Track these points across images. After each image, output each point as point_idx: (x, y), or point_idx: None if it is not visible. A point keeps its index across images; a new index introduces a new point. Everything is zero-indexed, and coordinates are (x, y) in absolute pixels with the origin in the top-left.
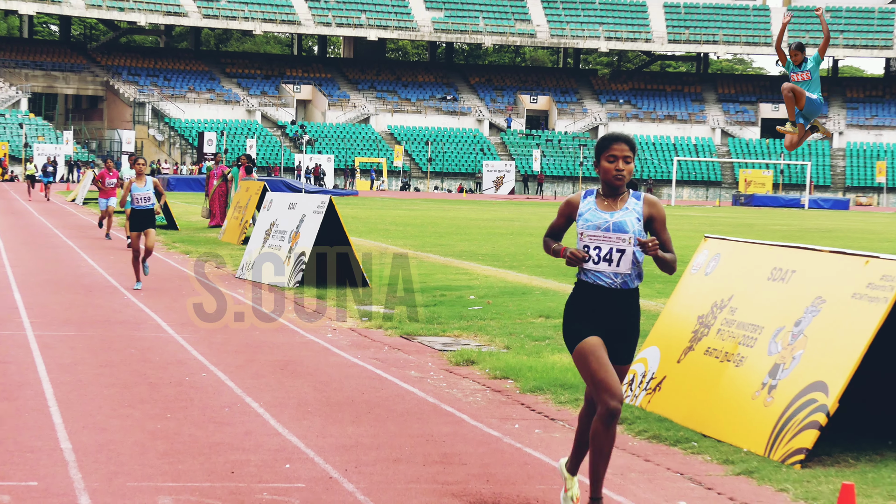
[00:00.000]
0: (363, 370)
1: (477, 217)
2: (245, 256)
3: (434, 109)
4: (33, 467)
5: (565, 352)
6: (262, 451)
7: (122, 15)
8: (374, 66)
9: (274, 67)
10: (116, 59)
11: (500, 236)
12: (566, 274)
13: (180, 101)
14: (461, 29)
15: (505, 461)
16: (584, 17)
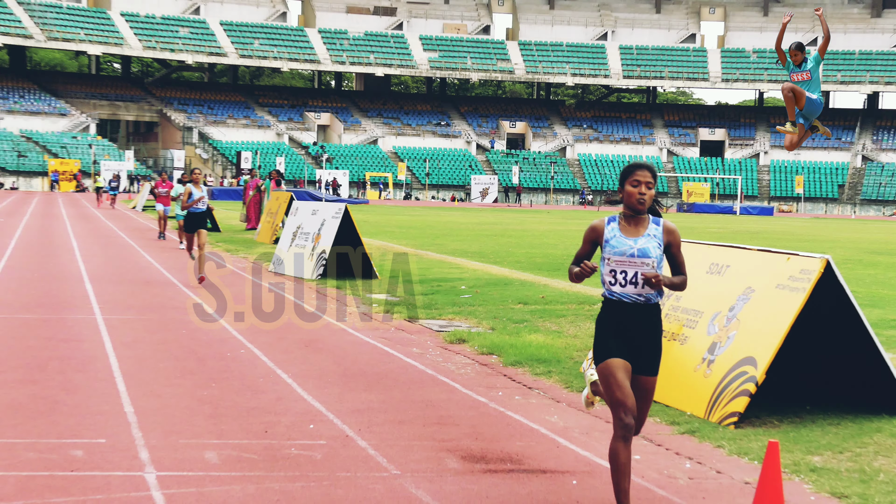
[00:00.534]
0: (373, 347)
1: (466, 221)
2: (276, 254)
3: (430, 133)
4: (102, 427)
5: (541, 332)
6: (290, 414)
7: (172, 55)
8: (380, 98)
9: (298, 98)
10: (168, 91)
11: (485, 237)
12: (540, 268)
13: (221, 126)
14: (452, 67)
15: (491, 422)
16: (553, 58)
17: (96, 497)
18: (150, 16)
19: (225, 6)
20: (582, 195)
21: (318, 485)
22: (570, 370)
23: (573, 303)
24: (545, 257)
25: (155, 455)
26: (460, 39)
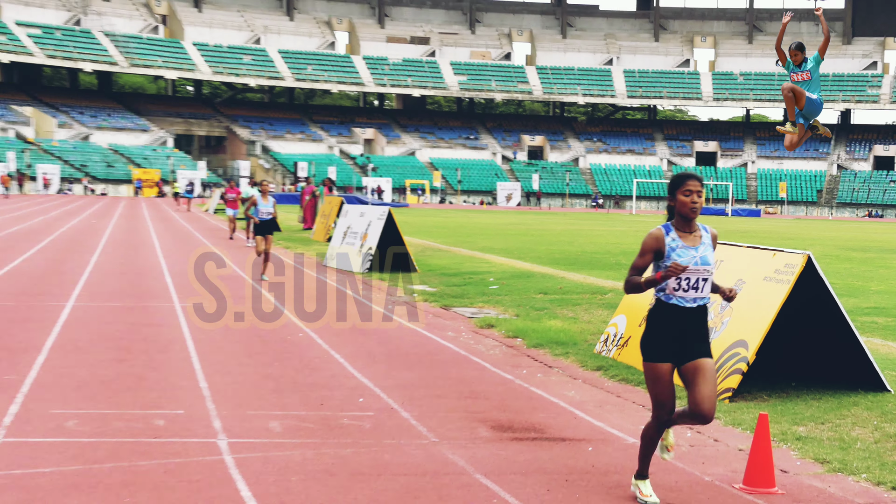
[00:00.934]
0: (414, 331)
1: (493, 222)
2: (329, 250)
3: (461, 146)
4: (180, 400)
5: (559, 318)
6: (343, 389)
7: (237, 79)
8: (417, 115)
9: (347, 116)
10: (234, 110)
11: (510, 236)
12: (558, 263)
13: (280, 139)
14: (479, 88)
15: (516, 396)
16: (566, 80)
17: (176, 461)
18: (218, 45)
19: (282, 37)
20: (594, 200)
21: (367, 450)
22: (584, 351)
23: (587, 293)
24: (562, 253)
25: (226, 424)
26: (485, 65)
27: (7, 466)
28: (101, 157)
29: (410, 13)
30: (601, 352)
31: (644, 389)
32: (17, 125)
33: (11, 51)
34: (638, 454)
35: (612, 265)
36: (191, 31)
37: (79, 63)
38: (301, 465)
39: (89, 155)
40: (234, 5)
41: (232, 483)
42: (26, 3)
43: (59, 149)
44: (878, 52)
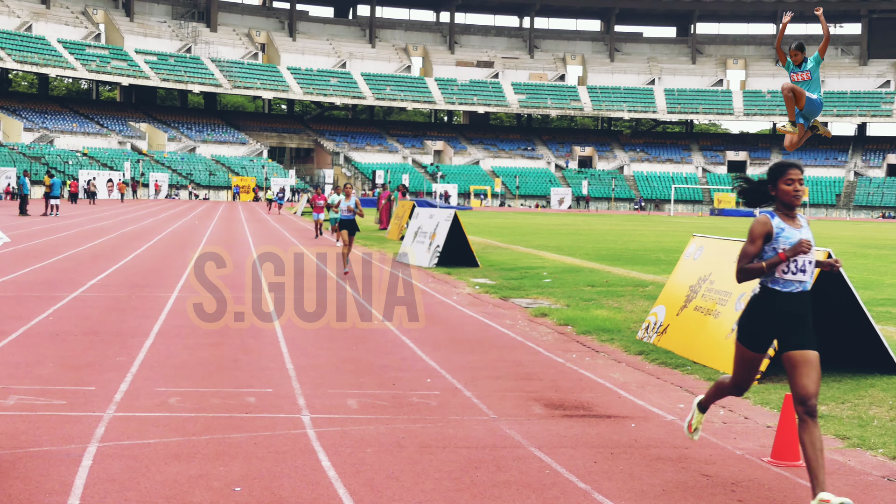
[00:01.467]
0: (476, 320)
1: (547, 223)
2: (402, 248)
3: (519, 156)
4: (269, 379)
5: (605, 308)
6: (412, 371)
7: (325, 98)
8: (481, 129)
9: (419, 130)
10: (321, 125)
11: (561, 235)
12: (604, 259)
13: (361, 151)
14: (536, 105)
15: (567, 378)
16: (613, 98)
17: (265, 434)
18: (309, 69)
19: (365, 61)
20: (636, 203)
21: (434, 426)
22: (628, 338)
23: (630, 286)
24: (608, 250)
25: (309, 402)
26: (542, 85)
27: (118, 437)
28: (205, 167)
29: (477, 40)
30: (643, 338)
31: (681, 372)
32: (133, 139)
33: (131, 75)
34: (708, 392)
35: (652, 261)
36: (286, 58)
37: (188, 85)
38: (375, 438)
39: (194, 164)
40: (324, 35)
41: (314, 454)
42: (145, 35)
43: (168, 159)
44: (891, 72)
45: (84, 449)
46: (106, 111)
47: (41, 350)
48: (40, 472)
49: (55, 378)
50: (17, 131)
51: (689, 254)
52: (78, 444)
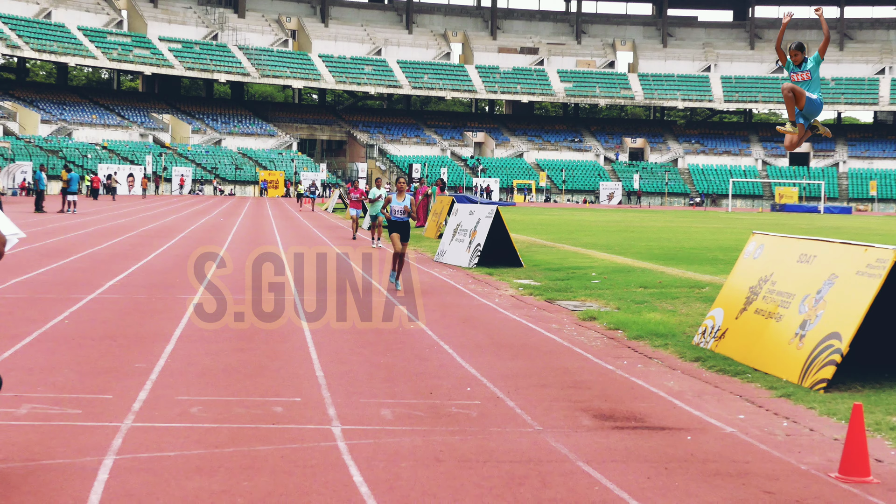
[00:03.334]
0: (519, 323)
1: (595, 220)
2: (440, 246)
3: (566, 148)
4: (298, 387)
5: (658, 311)
6: (451, 378)
7: (358, 87)
8: (525, 120)
9: (459, 121)
10: (355, 116)
11: (611, 232)
12: (658, 258)
13: (396, 143)
14: (584, 94)
15: (617, 386)
16: (666, 86)
17: (292, 446)
18: (342, 57)
19: (401, 48)
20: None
21: (474, 438)
22: (683, 343)
23: (685, 287)
24: (661, 249)
25: (340, 411)
26: (590, 72)
27: (136, 450)
28: (231, 160)
29: (521, 25)
30: (699, 343)
31: (741, 380)
32: (156, 131)
33: (154, 63)
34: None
35: (709, 260)
36: (317, 45)
37: (214, 74)
38: (411, 451)
39: (220, 158)
40: (358, 20)
41: (345, 468)
42: (169, 21)
43: (192, 153)
44: None
45: (100, 462)
46: (127, 102)
47: (56, 355)
48: (53, 487)
49: (70, 385)
50: (34, 123)
51: (748, 252)
52: (94, 456)
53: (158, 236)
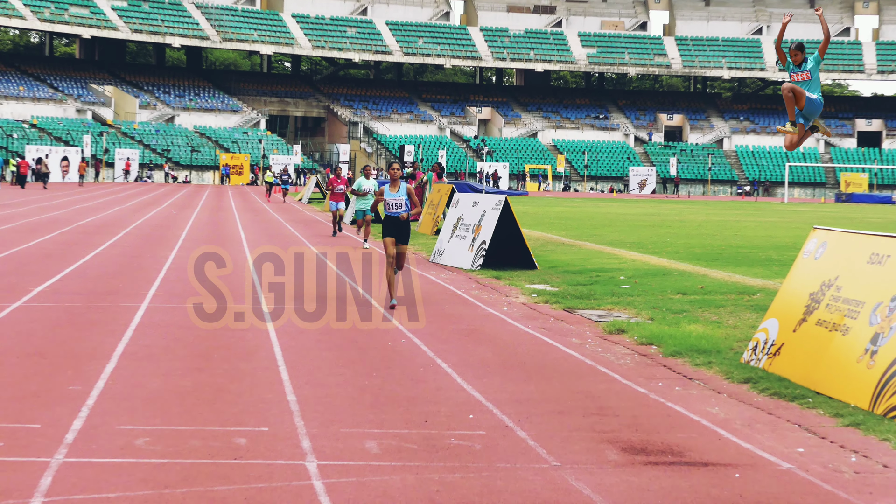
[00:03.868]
0: (533, 337)
1: (624, 212)
2: (437, 245)
3: (589, 126)
4: (265, 415)
5: (700, 322)
6: (450, 404)
7: (340, 53)
8: (540, 92)
9: (460, 94)
10: (335, 88)
11: (643, 228)
12: (699, 258)
13: (385, 120)
14: (610, 62)
15: (651, 413)
16: (709, 52)
17: (258, 486)
18: (320, 17)
19: (391, 7)
20: (740, 186)
21: (478, 476)
22: (730, 361)
23: (732, 293)
24: (703, 247)
25: (316, 444)
26: (618, 36)
27: (68, 490)
28: (186, 141)
29: None
30: (749, 361)
31: (800, 405)
32: (96, 106)
33: (94, 24)
34: None
35: (761, 261)
36: (290, 3)
37: (166, 38)
38: (401, 492)
39: (173, 138)
40: None
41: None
42: None
43: (140, 132)
44: None
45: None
46: (62, 71)
47: None
48: None
49: None
50: None
51: (808, 252)
52: (17, 498)
53: (98, 232)
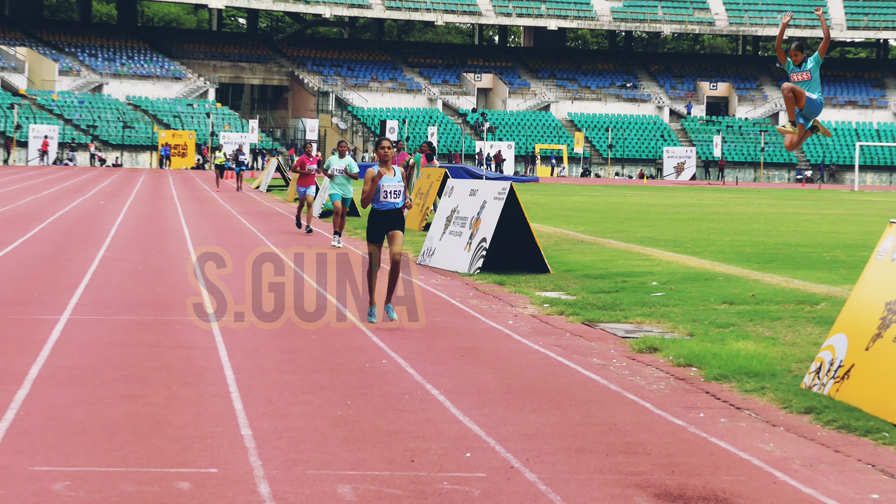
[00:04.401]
0: (544, 357)
1: (658, 203)
2: (426, 243)
3: (614, 97)
4: (213, 454)
5: (751, 339)
6: (442, 440)
7: (307, 8)
8: (553, 55)
9: (455, 57)
10: (301, 50)
11: (681, 222)
12: (749, 260)
13: (363, 90)
14: (640, 18)
15: (690, 451)
16: (762, 6)
17: None
18: None
19: None
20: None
21: None
22: (787, 386)
23: (790, 302)
24: (755, 246)
25: (277, 489)
26: None
27: None
28: (116, 115)
29: None
30: (811, 386)
31: (873, 441)
32: (6, 72)
33: None
34: None
35: (825, 263)
36: None
37: None
38: None
39: (100, 112)
40: None
41: None
42: None
43: (60, 103)
44: None
45: None
46: None
47: None
48: None
49: None
50: None
51: (884, 251)
52: None
53: (8, 228)
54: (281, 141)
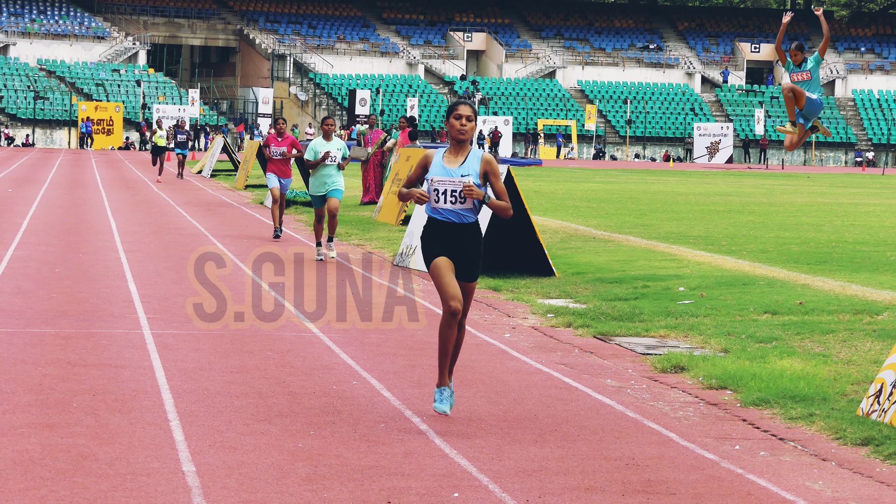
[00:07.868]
0: (548, 378)
1: (687, 191)
2: (405, 240)
3: (634, 61)
4: (149, 494)
5: (798, 356)
6: (424, 477)
7: None
8: (561, 10)
9: (440, 12)
10: (252, 3)
11: (715, 214)
12: (797, 260)
13: (327, 52)
14: None
15: (723, 490)
16: None
17: None
18: None
19: None
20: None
21: None
22: (841, 412)
23: (846, 312)
24: (804, 244)
25: None
26: None
27: None
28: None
29: None
30: (870, 413)
31: None
32: None
33: None
34: None
35: (888, 265)
36: None
37: None
38: None
39: (6, 79)
40: None
41: None
42: None
43: None
44: None
45: None
46: None
47: None
48: None
49: None
50: None
51: None
52: None
53: None
54: (228, 115)
